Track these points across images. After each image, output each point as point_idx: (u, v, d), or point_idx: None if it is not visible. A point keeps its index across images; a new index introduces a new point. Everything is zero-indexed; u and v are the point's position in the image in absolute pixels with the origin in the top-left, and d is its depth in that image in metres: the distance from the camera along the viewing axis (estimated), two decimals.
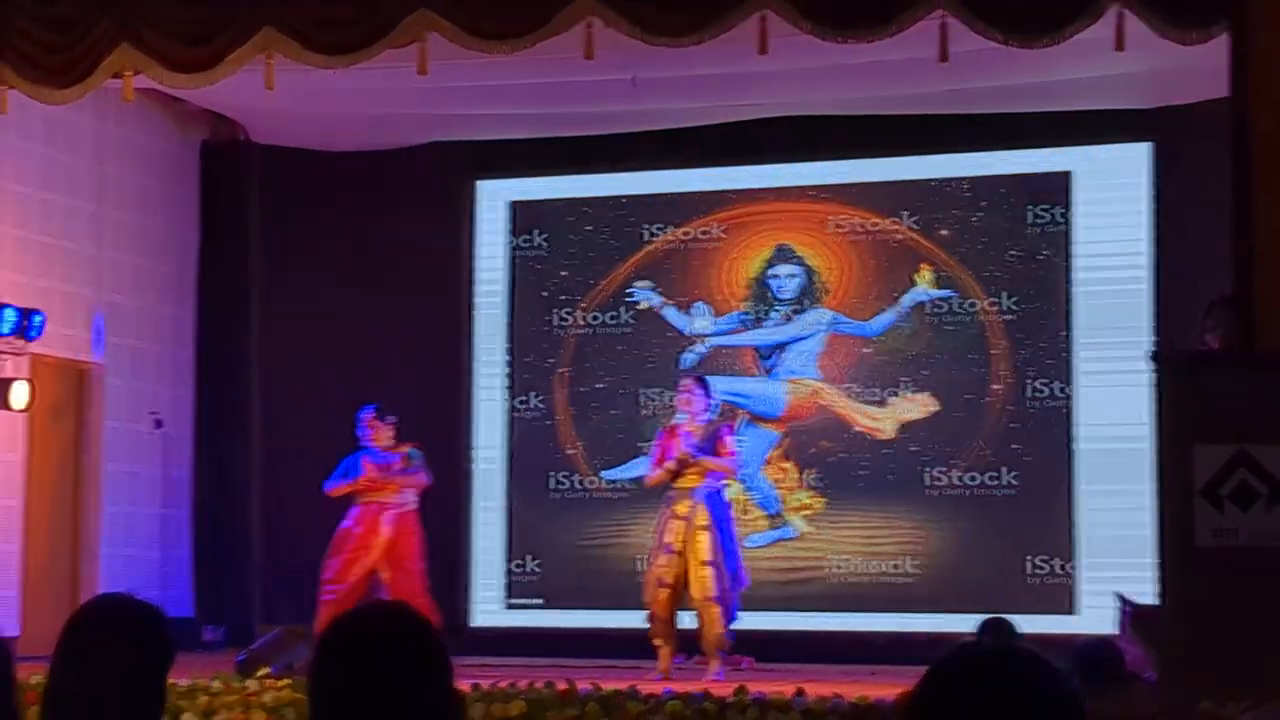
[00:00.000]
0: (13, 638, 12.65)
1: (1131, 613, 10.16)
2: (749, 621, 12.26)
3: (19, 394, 13.50)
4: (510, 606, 15.31)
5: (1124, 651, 8.87)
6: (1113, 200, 14.34)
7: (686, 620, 11.92)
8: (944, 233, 14.72)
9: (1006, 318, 14.49)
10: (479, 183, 15.90)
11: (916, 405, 14.65)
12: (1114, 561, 13.46)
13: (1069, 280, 14.36)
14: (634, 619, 13.96)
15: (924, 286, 14.69)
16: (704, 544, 11.66)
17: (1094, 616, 12.75)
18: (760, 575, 13.98)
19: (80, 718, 3.80)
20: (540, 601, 15.29)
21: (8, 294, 13.71)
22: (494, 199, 15.88)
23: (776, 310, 15.03)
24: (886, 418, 14.70)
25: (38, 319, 13.67)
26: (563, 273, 15.60)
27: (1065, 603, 13.97)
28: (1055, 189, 14.50)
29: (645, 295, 15.34)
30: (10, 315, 13.39)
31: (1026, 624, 8.98)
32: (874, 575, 14.58)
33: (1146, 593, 10.09)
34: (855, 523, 14.68)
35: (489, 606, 15.31)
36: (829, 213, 15.02)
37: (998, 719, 2.48)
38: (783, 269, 15.06)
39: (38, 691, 4.43)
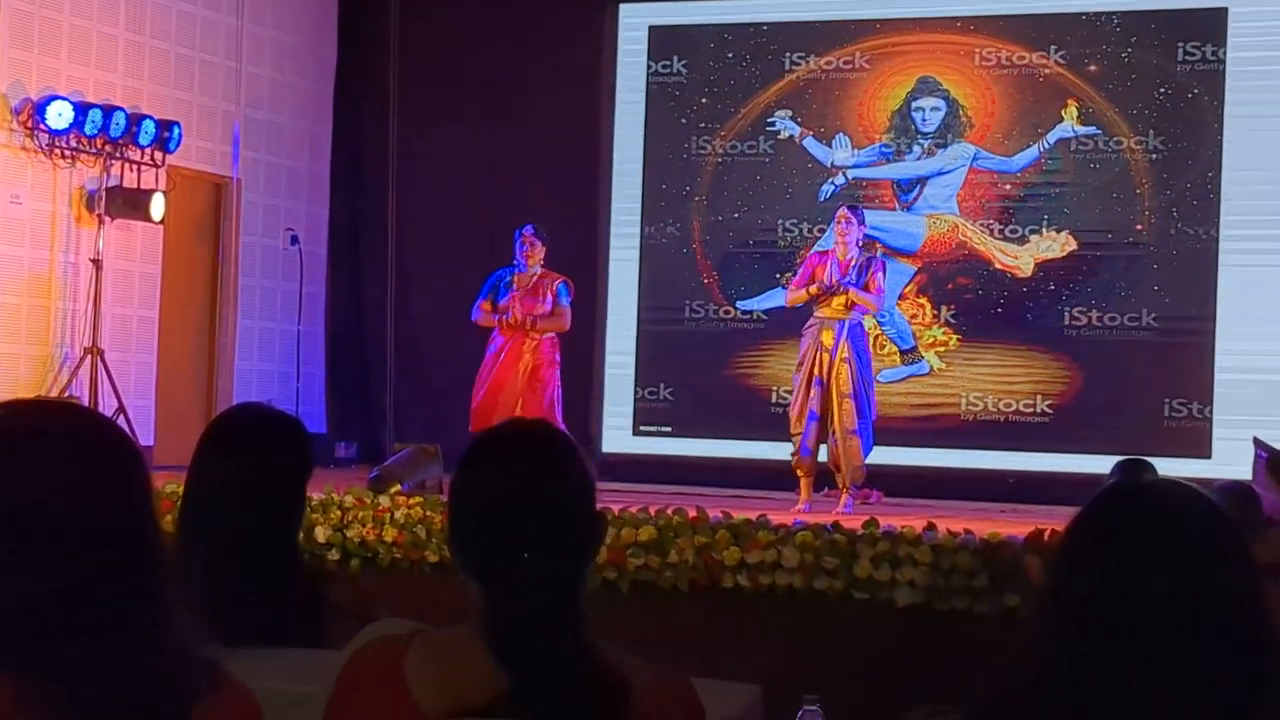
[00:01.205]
0: (148, 447, 12.83)
1: (1269, 458, 10.03)
2: (879, 456, 12.18)
3: (156, 206, 13.53)
4: (639, 433, 15.29)
5: (1260, 497, 8.77)
6: (1267, 39, 13.97)
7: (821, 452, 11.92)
8: (1092, 68, 14.42)
9: (1153, 157, 14.21)
10: (621, 5, 15.71)
11: (1056, 244, 14.43)
12: (1252, 407, 13.32)
13: (1220, 120, 14.04)
14: (764, 449, 13.94)
15: (1070, 123, 14.42)
16: (845, 376, 11.66)
17: (1230, 461, 12.63)
18: (892, 410, 13.94)
19: (218, 522, 3.79)
20: (669, 429, 15.26)
21: (147, 105, 13.75)
22: (635, 23, 15.69)
23: (918, 143, 14.81)
24: (1025, 255, 14.50)
25: (176, 131, 13.70)
26: (702, 100, 15.42)
27: (1201, 446, 13.78)
28: (1208, 26, 14.14)
29: (785, 125, 15.16)
30: (149, 127, 13.43)
31: (1161, 466, 8.88)
32: (1007, 413, 14.45)
33: None
34: (990, 360, 14.53)
35: (619, 433, 15.28)
36: (975, 45, 14.75)
37: (1161, 548, 2.45)
38: (926, 101, 14.82)
39: (172, 500, 4.45)
